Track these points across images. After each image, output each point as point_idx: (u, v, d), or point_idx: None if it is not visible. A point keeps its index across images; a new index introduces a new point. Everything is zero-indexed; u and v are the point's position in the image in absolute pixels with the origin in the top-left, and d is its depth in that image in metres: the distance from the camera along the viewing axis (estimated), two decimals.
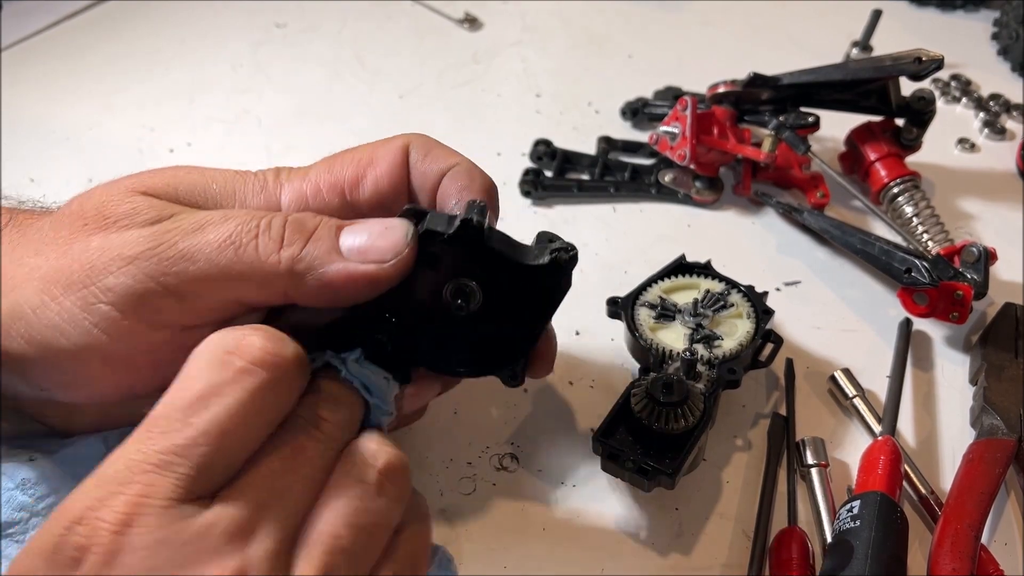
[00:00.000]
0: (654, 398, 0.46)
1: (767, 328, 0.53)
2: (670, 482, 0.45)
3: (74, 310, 0.35)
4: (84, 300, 0.35)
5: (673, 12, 0.93)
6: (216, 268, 0.34)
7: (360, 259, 0.36)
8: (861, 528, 0.43)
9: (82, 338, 0.35)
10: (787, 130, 0.64)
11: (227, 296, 0.35)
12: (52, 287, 0.35)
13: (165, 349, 0.36)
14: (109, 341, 0.35)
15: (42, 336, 0.35)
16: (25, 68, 0.82)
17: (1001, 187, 0.72)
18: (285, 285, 0.35)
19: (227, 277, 0.35)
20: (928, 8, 0.94)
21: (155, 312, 0.35)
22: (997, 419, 0.51)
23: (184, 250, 0.34)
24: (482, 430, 0.52)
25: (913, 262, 0.57)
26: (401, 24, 0.91)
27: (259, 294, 0.36)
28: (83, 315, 0.35)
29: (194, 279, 0.34)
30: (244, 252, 0.35)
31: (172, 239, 0.35)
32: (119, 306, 0.34)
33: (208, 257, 0.34)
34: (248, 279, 0.35)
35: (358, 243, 0.36)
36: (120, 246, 0.35)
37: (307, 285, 0.35)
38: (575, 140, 0.75)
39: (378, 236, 0.36)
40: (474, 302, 0.40)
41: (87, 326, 0.35)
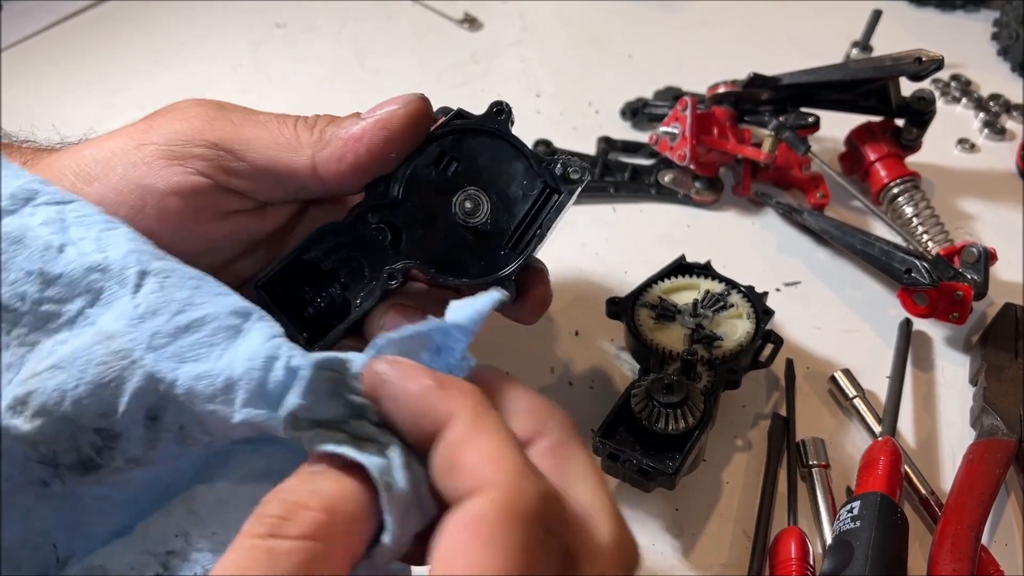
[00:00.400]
0: (654, 399, 0.46)
1: (767, 328, 0.53)
2: (670, 482, 0.45)
3: (125, 147, 0.39)
4: (136, 140, 0.40)
5: (673, 12, 0.93)
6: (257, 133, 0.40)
7: (374, 112, 0.41)
8: (861, 528, 0.43)
9: (124, 169, 0.39)
10: (787, 130, 0.64)
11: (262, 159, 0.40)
12: (114, 137, 0.41)
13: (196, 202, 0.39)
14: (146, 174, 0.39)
15: (91, 169, 0.39)
16: (25, 68, 0.82)
17: (1001, 187, 0.72)
18: (314, 150, 0.40)
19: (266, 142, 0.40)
20: (928, 8, 0.94)
21: (194, 157, 0.39)
22: (997, 419, 0.51)
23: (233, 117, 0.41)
24: None
25: (913, 262, 0.57)
26: (401, 24, 0.91)
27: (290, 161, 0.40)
28: (132, 150, 0.39)
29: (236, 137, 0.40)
30: (284, 127, 0.41)
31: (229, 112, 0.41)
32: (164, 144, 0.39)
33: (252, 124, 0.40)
34: (283, 147, 0.40)
35: (374, 108, 0.41)
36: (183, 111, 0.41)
37: (332, 146, 0.40)
38: (575, 140, 0.75)
39: (390, 99, 0.41)
40: (483, 212, 0.42)
41: (132, 159, 0.39)
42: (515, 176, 0.43)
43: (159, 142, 0.39)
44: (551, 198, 0.43)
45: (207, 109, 0.41)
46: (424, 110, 0.41)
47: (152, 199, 0.39)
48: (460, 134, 0.42)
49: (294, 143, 0.40)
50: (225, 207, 0.41)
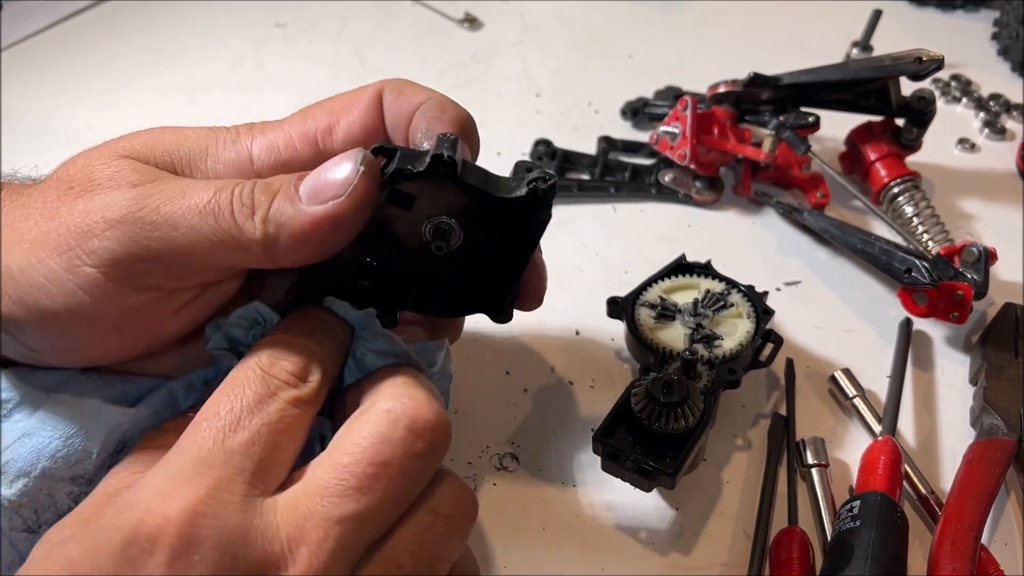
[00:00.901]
0: (654, 398, 0.46)
1: (767, 328, 0.54)
2: (670, 482, 0.45)
3: (59, 271, 0.35)
4: (69, 262, 0.35)
5: (673, 12, 0.93)
6: (198, 234, 0.35)
7: (317, 200, 0.36)
8: (862, 528, 0.43)
9: (67, 299, 0.35)
10: (787, 130, 0.64)
11: (210, 261, 0.36)
12: (39, 249, 0.35)
13: (151, 312, 0.37)
14: (94, 303, 0.35)
15: (29, 296, 0.35)
16: (25, 68, 0.82)
17: (1001, 187, 0.72)
18: (262, 249, 0.36)
19: (209, 243, 0.35)
20: (928, 8, 0.94)
21: (138, 275, 0.35)
22: (997, 419, 0.51)
23: (167, 215, 0.35)
24: (482, 430, 0.52)
25: (913, 262, 0.57)
26: (401, 24, 0.91)
27: (240, 259, 0.36)
28: (68, 276, 0.35)
29: (177, 244, 0.35)
30: (223, 219, 0.35)
31: (155, 204, 0.35)
32: (102, 268, 0.35)
33: (190, 223, 0.35)
34: (229, 246, 0.35)
35: (310, 185, 0.36)
36: (103, 208, 0.35)
37: (281, 244, 0.36)
38: (575, 140, 0.75)
39: (327, 172, 0.36)
40: (454, 240, 0.40)
41: (72, 287, 0.35)
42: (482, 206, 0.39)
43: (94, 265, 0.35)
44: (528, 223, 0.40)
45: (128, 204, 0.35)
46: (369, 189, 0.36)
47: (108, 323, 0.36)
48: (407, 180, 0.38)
49: (239, 239, 0.35)
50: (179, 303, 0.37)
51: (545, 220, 0.40)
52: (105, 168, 0.37)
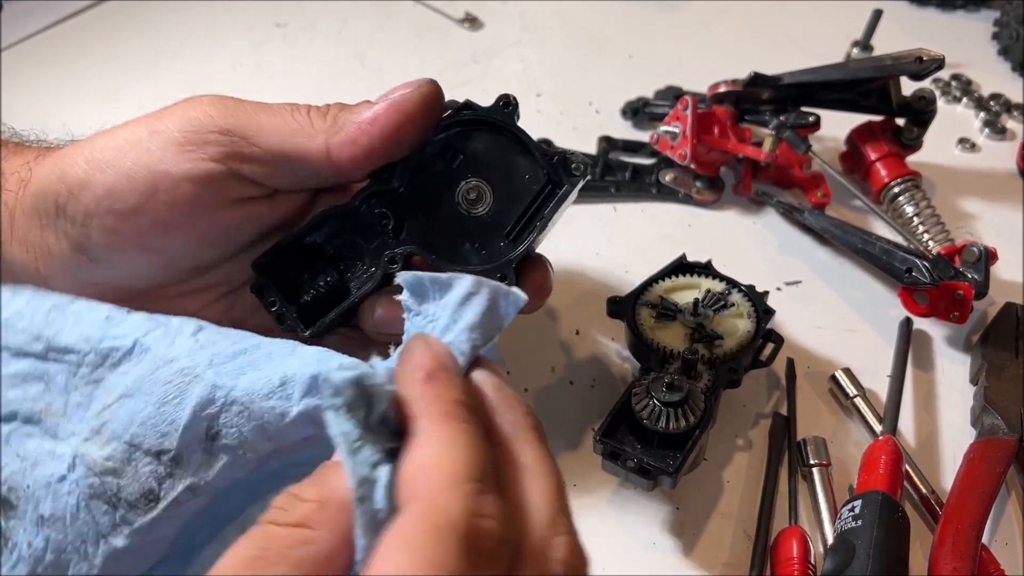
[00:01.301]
0: (655, 398, 0.46)
1: (768, 328, 0.53)
2: (671, 481, 0.45)
3: (138, 134, 0.40)
4: (149, 128, 0.40)
5: (673, 12, 0.93)
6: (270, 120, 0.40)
7: (385, 99, 0.41)
8: (863, 528, 0.43)
9: (137, 156, 0.39)
10: (788, 130, 0.64)
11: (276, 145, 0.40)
12: (126, 126, 0.40)
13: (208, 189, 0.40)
14: (159, 160, 0.39)
15: (103, 156, 0.39)
16: (25, 68, 0.82)
17: (1002, 187, 0.72)
18: (327, 135, 0.40)
19: (279, 128, 0.40)
20: (928, 8, 0.94)
21: (207, 143, 0.39)
22: (998, 419, 0.51)
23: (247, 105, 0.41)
24: None
25: (914, 262, 0.57)
26: (401, 24, 0.91)
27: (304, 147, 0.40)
28: (145, 137, 0.39)
29: (250, 123, 0.40)
30: (298, 114, 0.41)
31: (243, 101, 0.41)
32: (177, 130, 0.39)
33: (266, 112, 0.41)
34: (297, 132, 0.40)
35: (385, 94, 0.41)
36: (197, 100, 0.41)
37: (346, 130, 0.40)
38: (575, 140, 0.75)
39: (403, 84, 0.42)
40: (485, 203, 0.43)
41: (145, 146, 0.39)
42: (518, 169, 0.43)
43: (172, 129, 0.40)
44: (553, 192, 0.43)
45: (221, 99, 0.41)
46: (436, 94, 0.42)
47: (164, 185, 0.39)
48: (467, 125, 0.43)
49: (308, 129, 0.40)
50: (237, 194, 0.41)
51: (574, 184, 0.43)
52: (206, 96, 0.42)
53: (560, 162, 0.43)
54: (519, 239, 0.43)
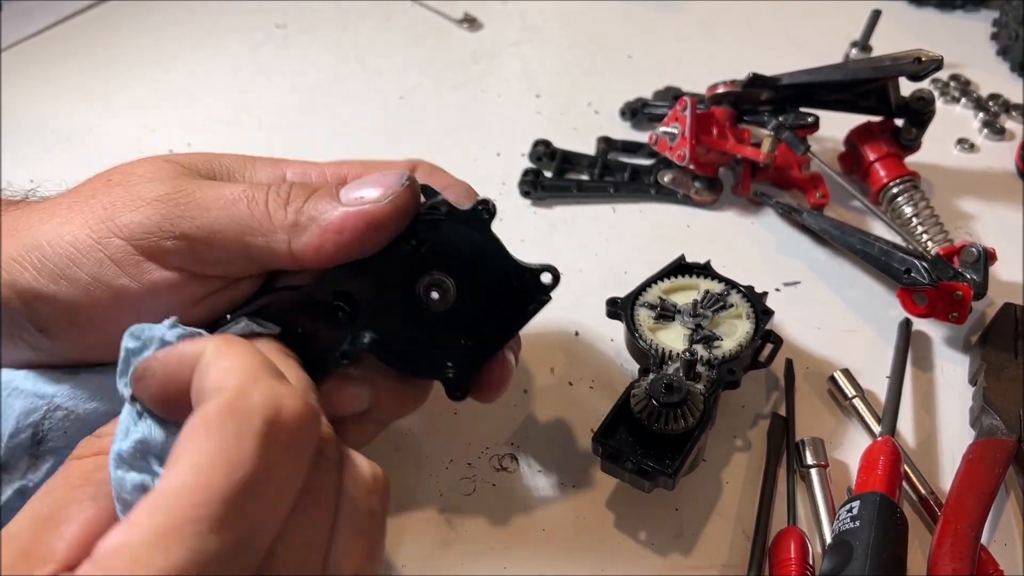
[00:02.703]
0: (654, 399, 0.46)
1: (767, 328, 0.54)
2: (670, 482, 0.45)
3: (89, 242, 0.37)
4: (99, 233, 0.37)
5: (673, 12, 0.93)
6: (228, 218, 0.37)
7: (356, 203, 0.38)
8: (861, 528, 0.43)
9: (93, 269, 0.37)
10: (786, 130, 0.64)
11: (236, 246, 0.37)
12: (71, 224, 0.37)
13: (172, 295, 0.38)
14: (118, 275, 0.37)
15: (55, 266, 0.37)
16: (25, 68, 0.82)
17: (1000, 187, 0.72)
18: (289, 235, 0.37)
19: (238, 227, 0.37)
20: (927, 8, 0.94)
21: (166, 252, 0.37)
22: (997, 419, 0.51)
23: (200, 200, 0.37)
24: (482, 431, 0.52)
25: (912, 262, 0.57)
26: (401, 24, 0.91)
27: (265, 246, 0.38)
28: (97, 247, 0.37)
29: (206, 224, 0.37)
30: (255, 207, 0.38)
31: (190, 189, 0.38)
32: (132, 240, 0.37)
33: (222, 208, 0.37)
34: (256, 231, 0.37)
35: (355, 189, 0.38)
36: (140, 192, 0.38)
37: (310, 233, 0.37)
38: (575, 140, 0.75)
39: (371, 179, 0.39)
40: (447, 300, 0.41)
41: (100, 256, 0.36)
42: (487, 272, 0.42)
43: (125, 238, 0.37)
44: (522, 303, 0.42)
45: (166, 187, 0.38)
46: (410, 204, 0.39)
47: (129, 299, 0.37)
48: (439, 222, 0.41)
49: (267, 225, 0.37)
50: (201, 292, 0.39)
51: (542, 303, 0.42)
52: (147, 165, 0.40)
53: (531, 279, 0.42)
54: (477, 345, 0.42)
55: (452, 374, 0.42)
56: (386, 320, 0.41)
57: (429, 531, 0.48)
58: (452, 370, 0.42)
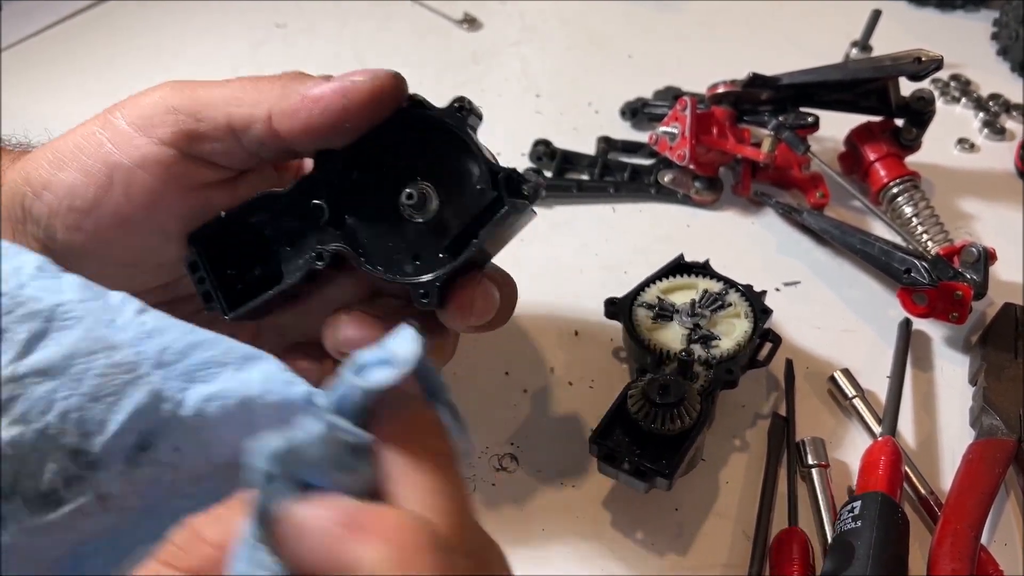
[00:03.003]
0: (650, 399, 0.46)
1: (766, 328, 0.53)
2: (666, 483, 0.45)
3: (94, 130, 0.39)
4: (103, 122, 0.40)
5: (673, 12, 0.93)
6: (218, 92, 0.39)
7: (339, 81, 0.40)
8: (862, 528, 0.43)
9: (94, 150, 0.39)
10: (786, 130, 0.64)
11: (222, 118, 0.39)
12: (84, 125, 0.40)
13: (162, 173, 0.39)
14: (113, 151, 0.39)
15: (63, 156, 0.39)
16: (25, 68, 0.82)
17: (1001, 187, 0.72)
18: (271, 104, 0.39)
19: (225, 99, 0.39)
20: (927, 8, 0.94)
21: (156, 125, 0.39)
22: (997, 419, 0.51)
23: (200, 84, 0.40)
24: (481, 431, 0.52)
25: (912, 262, 0.57)
26: (401, 24, 0.91)
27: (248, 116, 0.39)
28: (99, 131, 0.39)
29: (197, 98, 0.39)
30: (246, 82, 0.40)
31: (196, 82, 0.41)
32: (131, 120, 0.39)
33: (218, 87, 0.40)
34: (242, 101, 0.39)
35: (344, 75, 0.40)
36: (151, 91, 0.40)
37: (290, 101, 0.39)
38: (575, 140, 0.75)
39: (363, 70, 0.40)
40: (428, 210, 0.40)
41: (100, 139, 0.39)
42: (469, 178, 0.40)
43: (123, 118, 0.39)
44: (499, 209, 0.39)
45: (175, 83, 0.41)
46: (390, 88, 0.39)
47: (119, 176, 0.39)
48: (420, 123, 0.40)
49: (254, 97, 0.39)
50: (193, 178, 0.40)
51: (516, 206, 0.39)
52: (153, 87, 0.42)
53: (506, 180, 0.39)
54: (457, 254, 0.40)
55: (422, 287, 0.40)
56: (366, 229, 0.41)
57: None
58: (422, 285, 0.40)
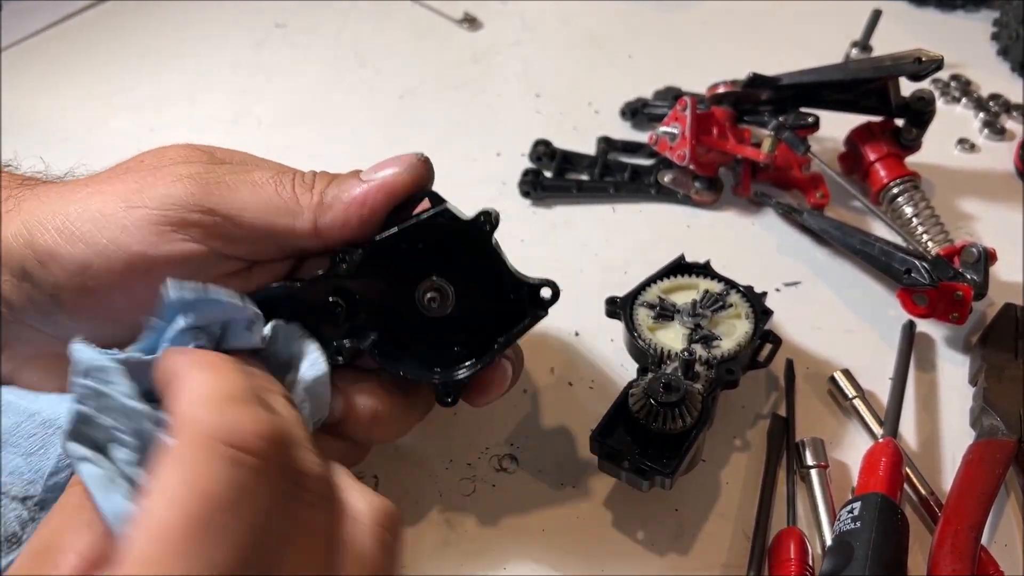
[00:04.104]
0: (652, 398, 0.46)
1: (766, 328, 0.53)
2: (667, 482, 0.45)
3: (116, 209, 0.37)
4: (128, 202, 0.38)
5: (673, 12, 0.93)
6: (255, 198, 0.39)
7: (375, 174, 0.40)
8: (861, 529, 0.43)
9: (114, 233, 0.37)
10: (787, 130, 0.64)
11: (262, 225, 0.39)
12: (102, 194, 0.38)
13: (187, 271, 0.38)
14: (138, 241, 0.37)
15: (76, 229, 0.37)
16: (25, 68, 0.82)
17: (1001, 187, 0.72)
18: (316, 214, 0.39)
19: (265, 207, 0.39)
20: (928, 8, 0.94)
21: (192, 225, 0.38)
22: (997, 420, 0.51)
23: (230, 181, 0.39)
24: (482, 431, 0.52)
25: (913, 263, 0.57)
26: (401, 24, 0.91)
27: (290, 226, 0.39)
28: (123, 214, 0.37)
29: (235, 203, 0.38)
30: (282, 189, 0.39)
31: (222, 172, 0.39)
32: (160, 210, 0.37)
33: (250, 189, 0.39)
34: (283, 211, 0.39)
35: (374, 170, 0.41)
36: (173, 170, 0.39)
37: (335, 210, 0.39)
38: (575, 140, 0.75)
39: (390, 160, 0.41)
40: (445, 306, 0.41)
41: (124, 223, 0.37)
42: (487, 281, 0.42)
43: (151, 207, 0.37)
44: (519, 316, 0.42)
45: (198, 168, 0.39)
46: (425, 175, 0.41)
47: (142, 267, 0.37)
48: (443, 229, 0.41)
49: (294, 207, 0.39)
50: (216, 271, 0.39)
51: (538, 318, 0.43)
52: (180, 150, 0.41)
53: (530, 292, 0.42)
54: (472, 352, 0.42)
55: (445, 389, 0.42)
56: (383, 322, 0.41)
57: (429, 531, 0.48)
58: (445, 387, 0.42)
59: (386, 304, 0.41)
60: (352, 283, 0.41)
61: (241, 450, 0.29)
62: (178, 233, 0.37)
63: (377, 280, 0.41)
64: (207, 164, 0.40)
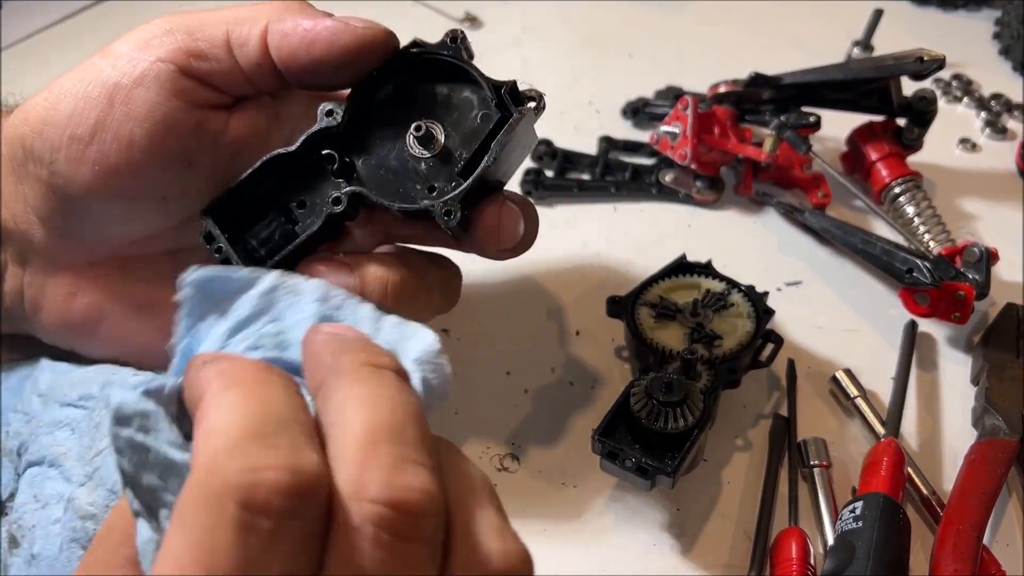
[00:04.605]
0: (653, 397, 0.46)
1: (768, 328, 0.53)
2: (669, 481, 0.45)
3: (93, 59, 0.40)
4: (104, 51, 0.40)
5: (673, 12, 0.93)
6: (218, 14, 0.40)
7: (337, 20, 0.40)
8: (863, 529, 0.43)
9: (92, 75, 0.39)
10: (788, 130, 0.64)
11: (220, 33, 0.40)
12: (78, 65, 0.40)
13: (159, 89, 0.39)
14: (112, 72, 0.39)
15: (61, 90, 0.39)
16: (25, 68, 0.82)
17: (1003, 187, 0.72)
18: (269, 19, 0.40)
19: (225, 20, 0.40)
20: (929, 7, 0.94)
21: (153, 41, 0.40)
22: (999, 419, 0.51)
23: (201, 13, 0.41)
24: (482, 430, 0.52)
25: (915, 262, 0.57)
26: (401, 23, 0.89)
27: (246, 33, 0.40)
28: (98, 59, 0.40)
29: (197, 19, 0.40)
30: (246, 5, 0.41)
31: (194, 12, 0.41)
32: (135, 46, 0.40)
33: (219, 9, 0.41)
34: (242, 20, 0.40)
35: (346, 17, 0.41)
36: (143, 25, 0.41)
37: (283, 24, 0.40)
38: (576, 140, 0.74)
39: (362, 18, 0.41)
40: (436, 144, 0.41)
41: (99, 64, 0.40)
42: (470, 106, 0.42)
43: (120, 43, 0.40)
44: (507, 122, 0.41)
45: (175, 13, 0.42)
46: (379, 41, 0.40)
47: (119, 96, 0.39)
48: (416, 63, 0.42)
49: (252, 15, 0.40)
50: (191, 96, 0.40)
51: (523, 113, 0.42)
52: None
53: (510, 92, 0.41)
54: (467, 174, 0.41)
55: (445, 206, 0.40)
56: (378, 172, 0.42)
57: None
58: (445, 203, 0.40)
59: (379, 153, 0.42)
60: (342, 137, 0.42)
61: (255, 512, 0.25)
62: (144, 55, 0.39)
63: (366, 131, 0.42)
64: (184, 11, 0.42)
